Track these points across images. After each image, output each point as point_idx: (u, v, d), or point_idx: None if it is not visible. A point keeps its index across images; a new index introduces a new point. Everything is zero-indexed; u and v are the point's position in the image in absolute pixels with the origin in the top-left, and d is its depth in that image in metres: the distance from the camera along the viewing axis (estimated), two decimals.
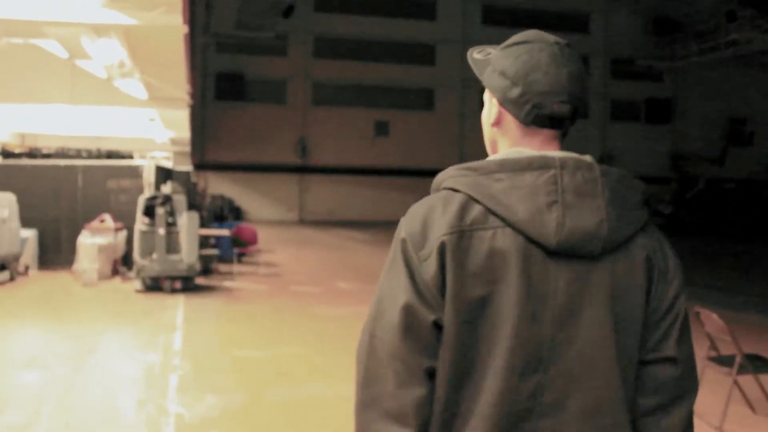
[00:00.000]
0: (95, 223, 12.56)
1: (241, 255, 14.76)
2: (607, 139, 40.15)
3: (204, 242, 12.85)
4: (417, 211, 1.40)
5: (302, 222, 36.42)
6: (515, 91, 1.41)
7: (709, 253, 21.00)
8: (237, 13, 35.37)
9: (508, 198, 1.33)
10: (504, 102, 1.43)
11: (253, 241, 15.52)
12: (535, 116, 1.40)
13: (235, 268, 13.73)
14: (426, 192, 1.44)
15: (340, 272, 14.46)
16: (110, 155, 15.61)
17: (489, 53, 1.50)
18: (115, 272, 12.53)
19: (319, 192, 37.86)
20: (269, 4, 26.63)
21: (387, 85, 38.38)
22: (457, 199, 1.36)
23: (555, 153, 1.39)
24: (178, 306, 9.92)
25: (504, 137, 1.48)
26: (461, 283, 1.32)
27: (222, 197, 28.70)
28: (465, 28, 38.75)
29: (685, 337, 1.41)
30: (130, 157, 13.99)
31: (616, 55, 39.99)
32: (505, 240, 1.33)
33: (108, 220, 12.70)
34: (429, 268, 1.34)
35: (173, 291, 10.82)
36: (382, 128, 38.85)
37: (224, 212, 24.45)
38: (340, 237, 25.28)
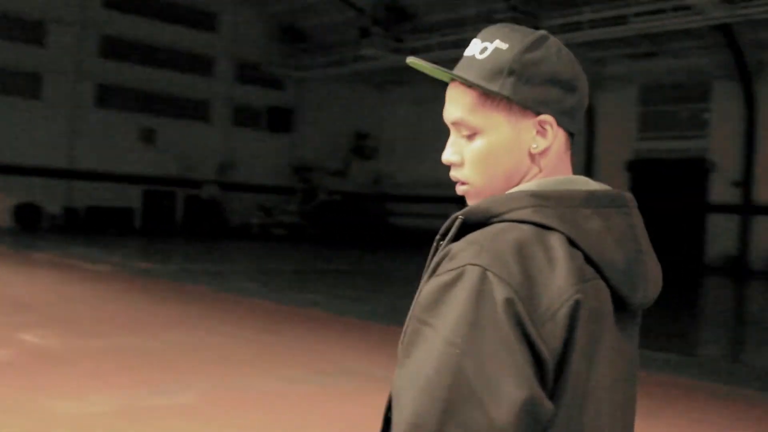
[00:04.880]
0: None
1: None
2: (229, 146, 38.55)
3: None
4: (502, 248, 0.96)
5: None
6: (571, 100, 1.10)
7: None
8: None
9: (603, 243, 1.02)
10: (560, 115, 1.09)
11: None
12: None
13: None
14: None
15: (10, 313, 9.95)
16: None
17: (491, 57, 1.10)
18: None
19: None
20: None
21: None
22: (557, 240, 0.99)
23: (600, 185, 1.11)
24: None
25: (543, 161, 1.10)
26: (586, 358, 0.98)
27: None
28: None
29: None
30: None
31: (242, 58, 38.68)
32: (599, 296, 1.01)
33: None
34: (554, 335, 0.95)
35: None
36: None
37: None
38: None
